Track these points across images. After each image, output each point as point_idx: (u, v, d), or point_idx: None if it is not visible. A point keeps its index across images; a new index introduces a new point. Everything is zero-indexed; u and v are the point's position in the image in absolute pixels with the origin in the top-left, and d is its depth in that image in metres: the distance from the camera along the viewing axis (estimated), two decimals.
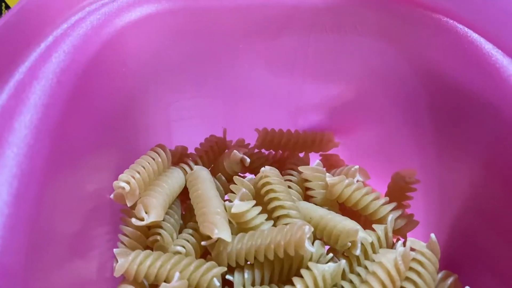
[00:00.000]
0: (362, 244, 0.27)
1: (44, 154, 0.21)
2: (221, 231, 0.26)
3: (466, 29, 0.27)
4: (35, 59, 0.22)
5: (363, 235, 0.27)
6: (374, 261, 0.25)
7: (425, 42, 0.29)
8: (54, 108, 0.22)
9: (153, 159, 0.30)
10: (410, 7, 0.29)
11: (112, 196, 0.28)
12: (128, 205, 0.28)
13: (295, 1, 0.30)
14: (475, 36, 0.26)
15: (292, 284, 0.25)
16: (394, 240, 0.30)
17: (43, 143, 0.21)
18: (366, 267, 0.26)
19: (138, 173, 0.29)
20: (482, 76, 0.26)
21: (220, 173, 0.34)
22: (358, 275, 0.26)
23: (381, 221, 0.30)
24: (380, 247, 0.28)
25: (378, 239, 0.28)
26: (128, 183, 0.28)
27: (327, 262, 0.27)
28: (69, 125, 0.24)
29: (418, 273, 0.25)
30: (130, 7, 0.27)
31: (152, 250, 0.28)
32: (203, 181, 0.30)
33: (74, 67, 0.24)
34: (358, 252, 0.27)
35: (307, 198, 0.32)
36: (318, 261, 0.27)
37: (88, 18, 0.25)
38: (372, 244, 0.28)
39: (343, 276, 0.27)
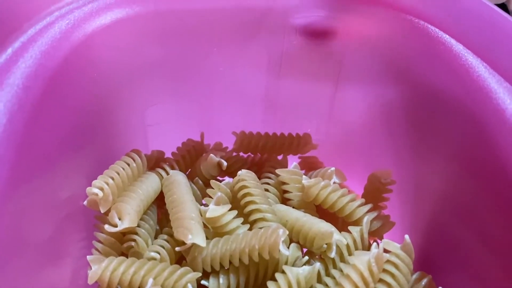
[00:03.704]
0: (337, 246, 0.27)
1: (10, 161, 0.21)
2: (195, 236, 0.26)
3: (437, 30, 0.27)
4: (0, 65, 0.22)
5: (338, 237, 0.27)
6: (349, 263, 0.25)
7: (398, 42, 0.29)
8: (21, 114, 0.22)
9: (128, 165, 0.30)
10: (382, 8, 0.29)
11: (85, 202, 0.28)
12: (102, 211, 0.28)
13: (268, 3, 0.30)
14: (446, 37, 0.26)
15: None
16: (371, 241, 0.30)
17: (8, 150, 0.21)
18: (341, 270, 0.26)
19: (112, 178, 0.28)
20: (453, 76, 0.26)
21: (197, 177, 0.34)
22: (334, 278, 0.26)
23: (358, 222, 0.30)
24: (356, 249, 0.28)
25: (354, 241, 0.28)
26: (101, 189, 0.27)
27: (303, 265, 0.27)
28: (38, 131, 0.24)
29: (392, 275, 0.25)
30: (100, 11, 0.27)
31: (127, 257, 0.28)
32: (179, 185, 0.30)
33: (42, 72, 0.23)
34: (333, 254, 0.27)
35: (284, 201, 0.32)
36: (294, 264, 0.27)
37: (57, 23, 0.25)
38: (347, 246, 0.28)
39: (319, 279, 0.27)
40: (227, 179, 0.34)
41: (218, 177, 0.35)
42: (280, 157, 0.37)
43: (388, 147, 0.33)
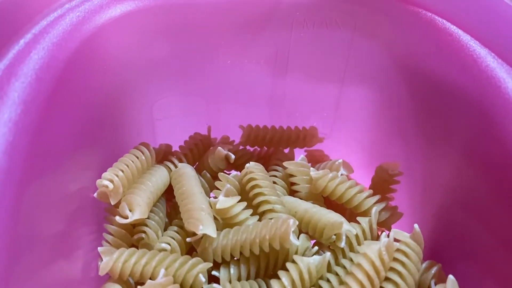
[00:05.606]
0: (347, 236, 0.28)
1: (24, 152, 0.21)
2: (206, 227, 0.26)
3: (444, 21, 0.27)
4: (13, 56, 0.22)
5: (348, 228, 0.27)
6: (358, 253, 0.26)
7: (405, 35, 0.29)
8: (34, 106, 0.22)
9: (137, 157, 0.30)
10: (389, 1, 0.29)
11: (95, 195, 0.28)
12: (112, 203, 0.28)
13: None
14: (453, 28, 0.27)
15: (278, 278, 0.25)
16: (379, 232, 0.30)
17: (23, 141, 0.21)
18: (351, 259, 0.26)
19: (122, 171, 0.28)
20: (460, 67, 0.26)
21: (205, 171, 0.34)
22: (343, 267, 0.26)
23: (366, 213, 0.30)
24: (365, 239, 0.28)
25: (363, 231, 0.28)
26: (111, 181, 0.28)
27: (312, 255, 0.27)
28: (50, 122, 0.24)
29: (402, 264, 0.25)
30: (110, 4, 0.27)
31: (138, 248, 0.28)
32: (188, 178, 0.30)
33: (54, 64, 0.24)
34: (343, 244, 0.27)
35: (292, 193, 0.32)
36: (303, 255, 0.27)
37: (68, 15, 0.25)
38: (356, 236, 0.28)
39: (329, 269, 0.27)
40: (233, 173, 0.34)
41: (225, 171, 0.35)
42: (286, 151, 0.37)
43: (396, 139, 0.33)
